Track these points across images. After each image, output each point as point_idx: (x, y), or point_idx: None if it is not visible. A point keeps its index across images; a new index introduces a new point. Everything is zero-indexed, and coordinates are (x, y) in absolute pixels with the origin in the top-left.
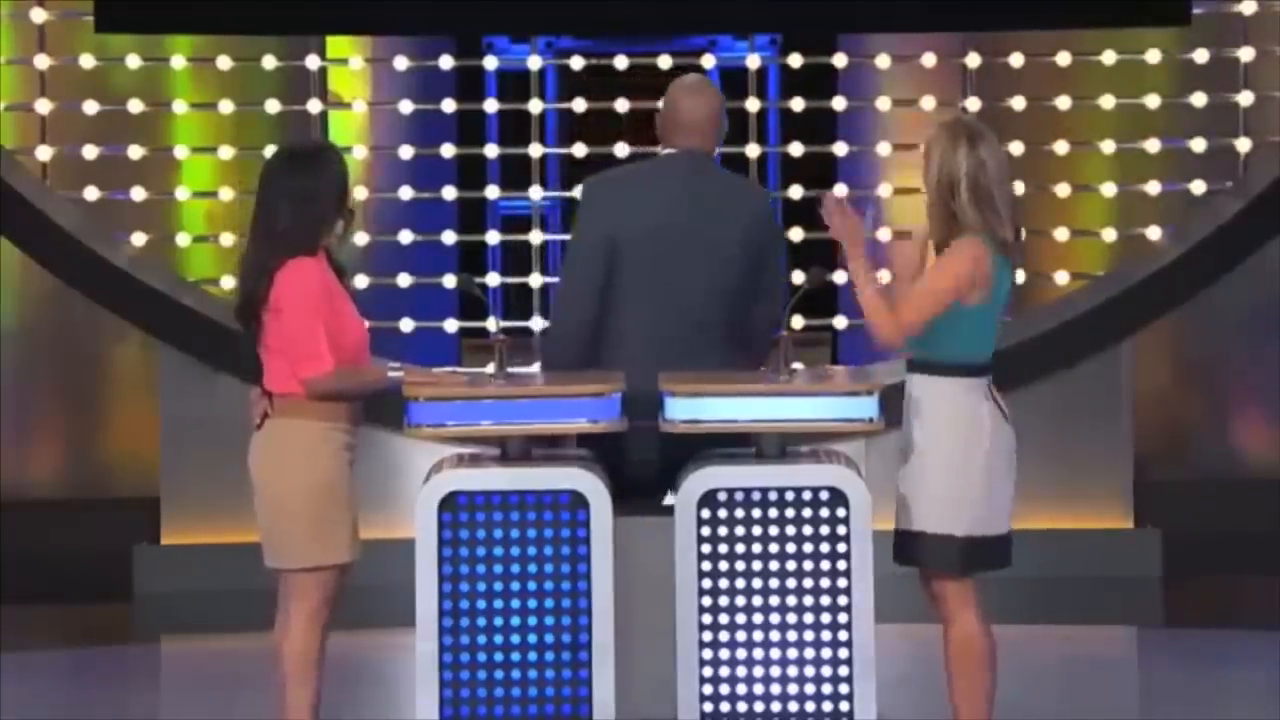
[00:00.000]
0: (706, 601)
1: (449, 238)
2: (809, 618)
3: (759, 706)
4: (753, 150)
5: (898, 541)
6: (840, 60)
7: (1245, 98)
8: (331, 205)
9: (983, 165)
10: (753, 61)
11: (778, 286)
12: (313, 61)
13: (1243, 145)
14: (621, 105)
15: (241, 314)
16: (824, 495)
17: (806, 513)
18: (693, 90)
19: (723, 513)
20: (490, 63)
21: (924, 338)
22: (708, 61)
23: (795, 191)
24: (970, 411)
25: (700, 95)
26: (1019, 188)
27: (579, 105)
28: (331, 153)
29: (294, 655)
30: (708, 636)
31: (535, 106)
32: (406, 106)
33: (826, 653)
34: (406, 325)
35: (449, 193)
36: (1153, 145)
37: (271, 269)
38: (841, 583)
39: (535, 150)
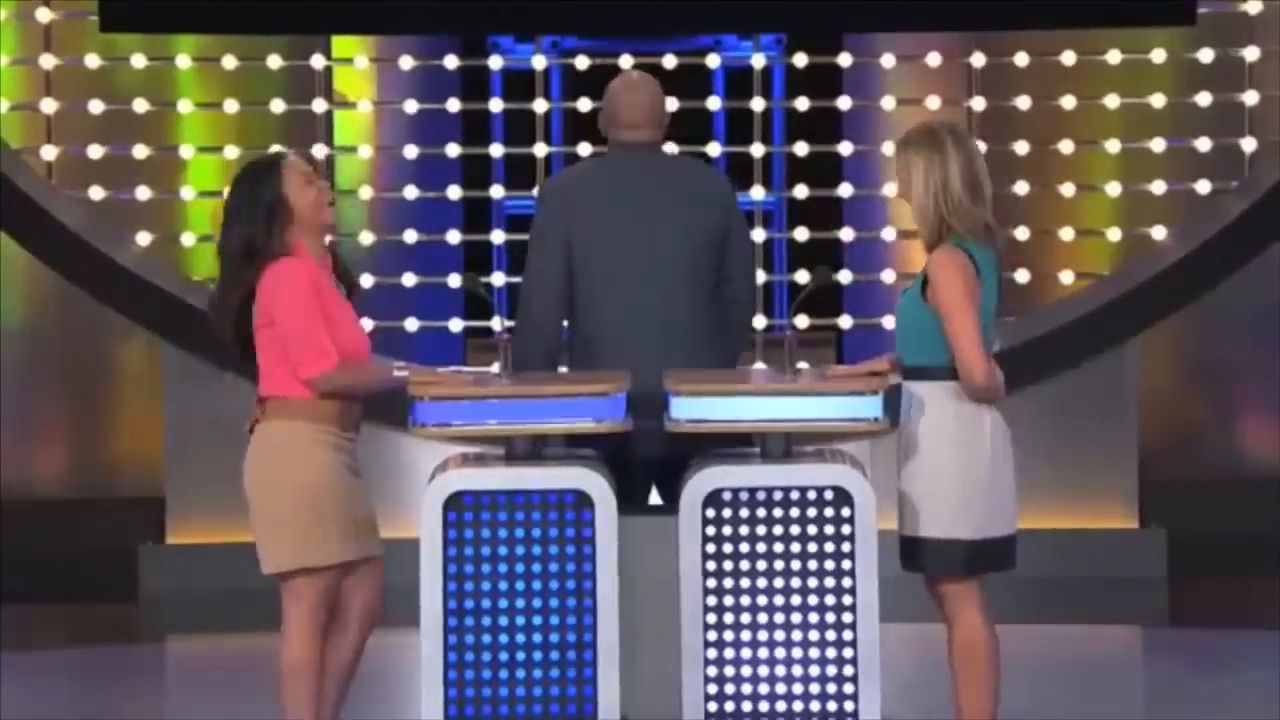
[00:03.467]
0: (711, 601)
1: (454, 237)
2: (814, 617)
3: (764, 707)
4: (757, 150)
5: (903, 548)
6: (845, 60)
7: (1250, 97)
8: (252, 219)
9: (972, 161)
10: (758, 61)
11: (743, 268)
12: (318, 61)
13: (1248, 145)
14: None
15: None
16: (829, 495)
17: (811, 512)
18: (629, 84)
19: (727, 512)
20: (495, 62)
21: (919, 344)
22: (713, 61)
23: (800, 191)
24: (972, 415)
25: (638, 88)
26: (1023, 187)
27: (584, 105)
28: (249, 167)
29: (289, 660)
30: (712, 636)
31: (540, 106)
32: (411, 106)
33: (831, 652)
34: (411, 325)
35: (454, 192)
36: (1158, 145)
37: (248, 280)
38: (846, 582)
39: (540, 150)
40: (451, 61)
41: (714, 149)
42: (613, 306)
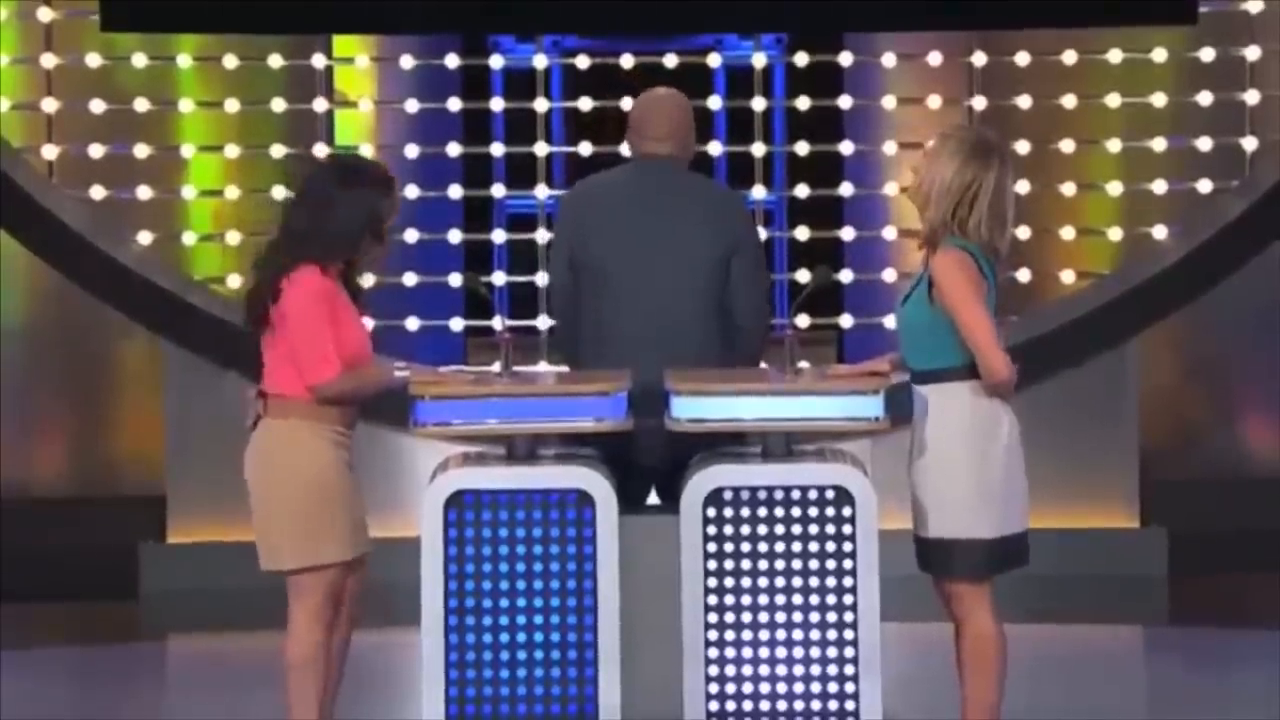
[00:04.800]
0: (712, 600)
1: (455, 236)
2: (815, 617)
3: (765, 705)
4: (759, 149)
5: (921, 551)
6: (846, 59)
7: (1251, 96)
8: (353, 223)
9: (1006, 182)
10: (758, 60)
11: (756, 281)
12: (319, 60)
13: (1249, 144)
14: (627, 104)
15: (249, 307)
16: (829, 494)
17: (812, 512)
18: (657, 100)
19: (728, 511)
20: (496, 61)
21: (933, 348)
22: (713, 60)
23: (801, 190)
24: (986, 413)
25: (664, 104)
26: (1024, 186)
27: (584, 104)
28: (371, 174)
29: (295, 655)
30: (713, 635)
31: (541, 105)
32: (412, 105)
33: (832, 651)
34: (412, 324)
35: (455, 191)
36: (1159, 144)
37: (280, 269)
38: (847, 581)
39: (541, 149)
40: (452, 61)
41: (715, 148)
42: (610, 311)
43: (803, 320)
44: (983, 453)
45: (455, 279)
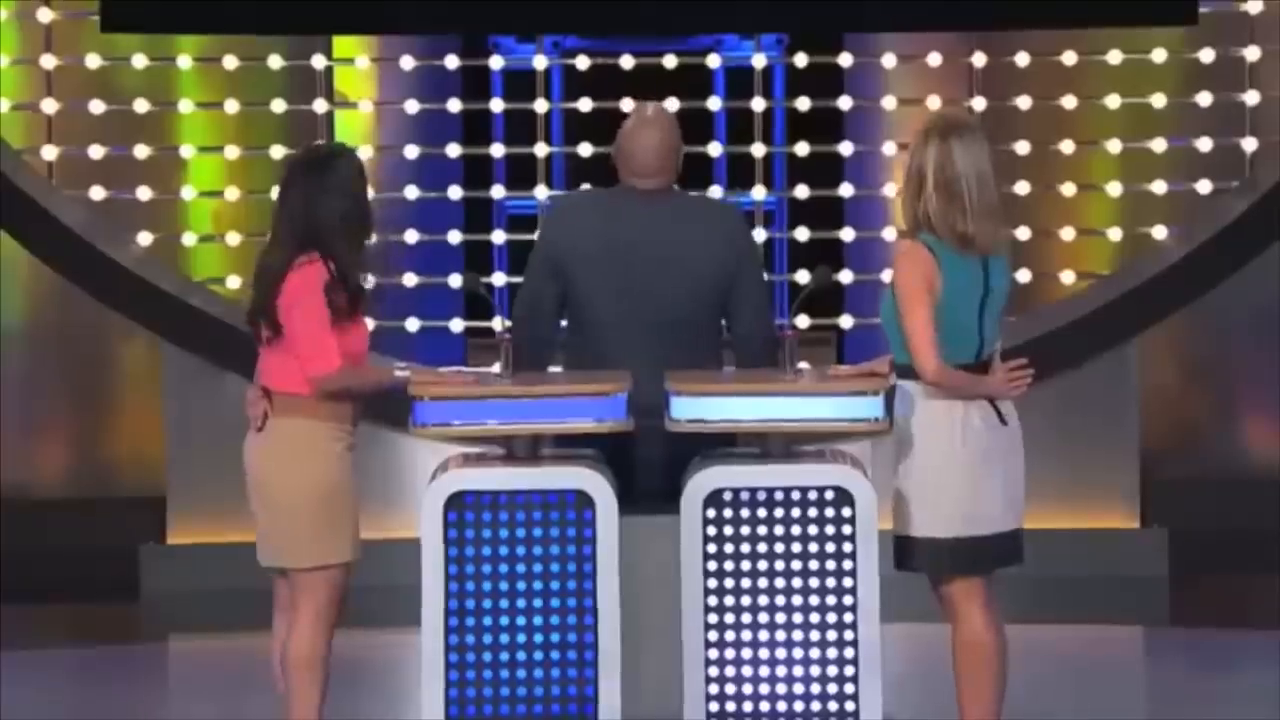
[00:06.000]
0: (712, 601)
1: (455, 237)
2: (815, 617)
3: (765, 706)
4: (758, 150)
5: (895, 548)
6: (846, 60)
7: (1251, 97)
8: (336, 211)
9: (950, 159)
10: (758, 61)
11: (758, 297)
12: (319, 61)
13: (1249, 144)
14: (627, 105)
15: (252, 306)
16: (829, 495)
17: (812, 512)
18: (644, 131)
19: (728, 512)
20: (496, 62)
21: (896, 346)
22: (713, 61)
23: (801, 191)
24: (940, 411)
25: (651, 137)
26: (1024, 187)
27: (584, 105)
28: (342, 160)
29: (301, 654)
30: (713, 636)
31: (541, 106)
32: (412, 106)
33: (832, 652)
34: (412, 325)
35: (455, 192)
36: (1159, 145)
37: (280, 265)
38: (847, 582)
39: (541, 150)
40: (452, 61)
41: (715, 149)
42: (602, 338)
43: (803, 321)
44: (935, 451)
45: (455, 280)
